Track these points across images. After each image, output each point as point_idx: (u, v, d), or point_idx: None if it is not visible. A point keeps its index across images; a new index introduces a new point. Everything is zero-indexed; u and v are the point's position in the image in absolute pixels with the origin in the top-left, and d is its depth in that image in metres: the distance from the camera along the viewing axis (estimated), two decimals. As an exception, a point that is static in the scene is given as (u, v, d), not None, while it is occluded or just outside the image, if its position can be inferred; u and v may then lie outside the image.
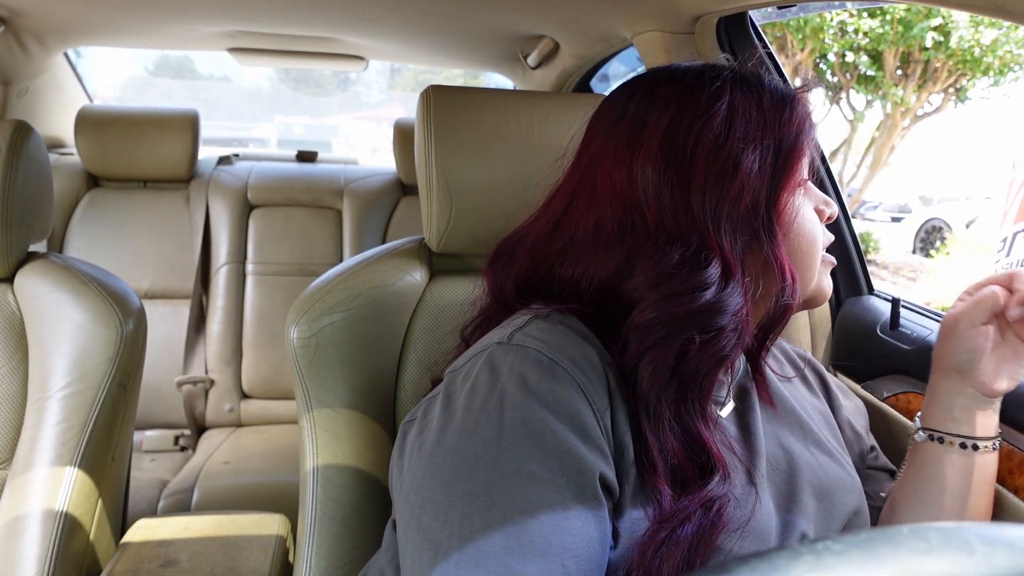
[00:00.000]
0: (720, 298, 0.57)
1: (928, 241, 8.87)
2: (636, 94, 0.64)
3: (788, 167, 0.61)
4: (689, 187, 0.59)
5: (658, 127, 0.60)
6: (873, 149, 8.00)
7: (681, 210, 0.59)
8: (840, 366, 1.16)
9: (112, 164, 2.00)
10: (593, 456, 0.52)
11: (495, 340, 0.58)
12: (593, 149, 0.65)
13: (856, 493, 0.71)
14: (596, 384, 0.55)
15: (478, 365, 0.57)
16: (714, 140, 0.59)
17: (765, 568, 0.26)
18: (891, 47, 6.76)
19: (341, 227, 2.12)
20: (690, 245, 0.58)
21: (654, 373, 0.56)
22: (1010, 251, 5.25)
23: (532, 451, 0.50)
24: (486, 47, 1.80)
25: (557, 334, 0.57)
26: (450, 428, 0.54)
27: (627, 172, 0.60)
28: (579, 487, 0.50)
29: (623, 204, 0.60)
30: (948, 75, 7.01)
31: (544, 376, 0.54)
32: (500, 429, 0.51)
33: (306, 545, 0.78)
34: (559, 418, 0.52)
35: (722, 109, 0.60)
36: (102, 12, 1.58)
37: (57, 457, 0.93)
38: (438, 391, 0.60)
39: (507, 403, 0.52)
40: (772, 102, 0.62)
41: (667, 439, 0.56)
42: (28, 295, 0.99)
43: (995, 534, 0.28)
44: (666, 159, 0.59)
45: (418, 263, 0.88)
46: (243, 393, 2.02)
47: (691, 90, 0.61)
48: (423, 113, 0.84)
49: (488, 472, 0.50)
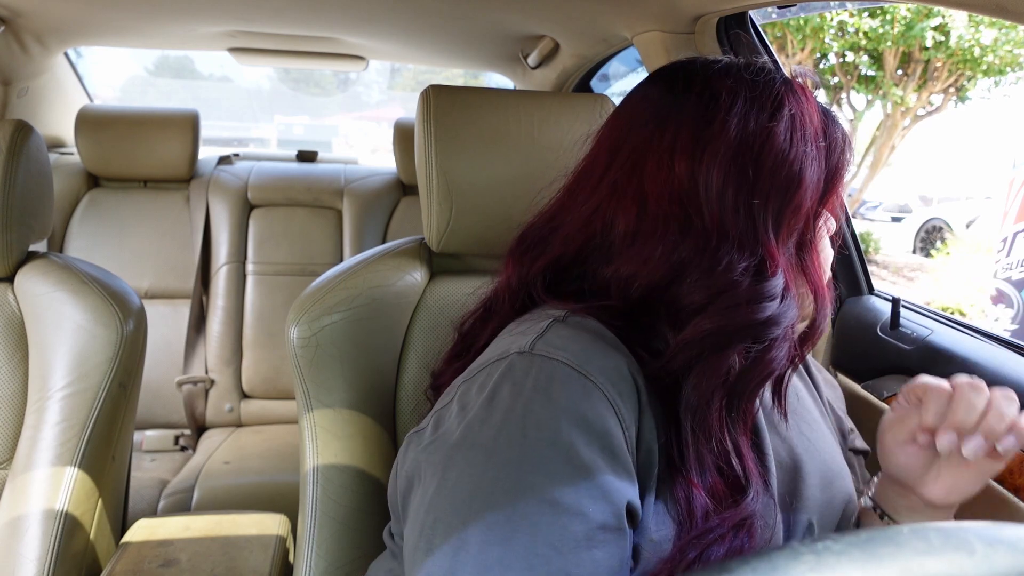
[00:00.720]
0: (781, 311, 0.55)
1: (928, 241, 8.86)
2: (692, 85, 0.60)
3: (834, 182, 0.60)
4: (753, 192, 0.56)
5: (727, 126, 0.57)
6: (873, 149, 8.00)
7: (744, 214, 0.56)
8: (840, 366, 1.16)
9: (112, 164, 2.00)
10: (622, 481, 0.49)
11: (515, 349, 0.54)
12: (638, 139, 0.60)
13: (848, 478, 0.70)
14: (626, 397, 0.52)
15: (496, 375, 0.53)
16: (780, 147, 0.56)
17: (765, 568, 0.26)
18: (891, 47, 6.75)
19: (341, 227, 2.12)
20: (754, 254, 0.55)
21: (704, 384, 0.53)
22: (1010, 251, 5.25)
23: (558, 476, 0.47)
24: (486, 47, 1.80)
25: (583, 342, 0.54)
26: (466, 445, 0.50)
27: (689, 169, 0.56)
28: (605, 516, 0.47)
29: (680, 202, 0.56)
30: (948, 75, 7.00)
31: (572, 391, 0.50)
32: (523, 450, 0.48)
33: (306, 545, 0.78)
34: (588, 439, 0.48)
35: (786, 116, 0.57)
36: (102, 12, 1.58)
37: (57, 457, 0.93)
38: (449, 401, 0.56)
39: (530, 421, 0.49)
40: (821, 116, 0.60)
41: (709, 453, 0.54)
42: (28, 295, 0.99)
43: (995, 534, 0.28)
44: (734, 160, 0.56)
45: (418, 263, 0.88)
46: (243, 393, 2.02)
47: (754, 90, 0.58)
48: (423, 113, 0.84)
49: (509, 497, 0.46)
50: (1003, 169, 5.58)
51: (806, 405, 0.73)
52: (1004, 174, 5.32)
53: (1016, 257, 4.94)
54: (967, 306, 6.20)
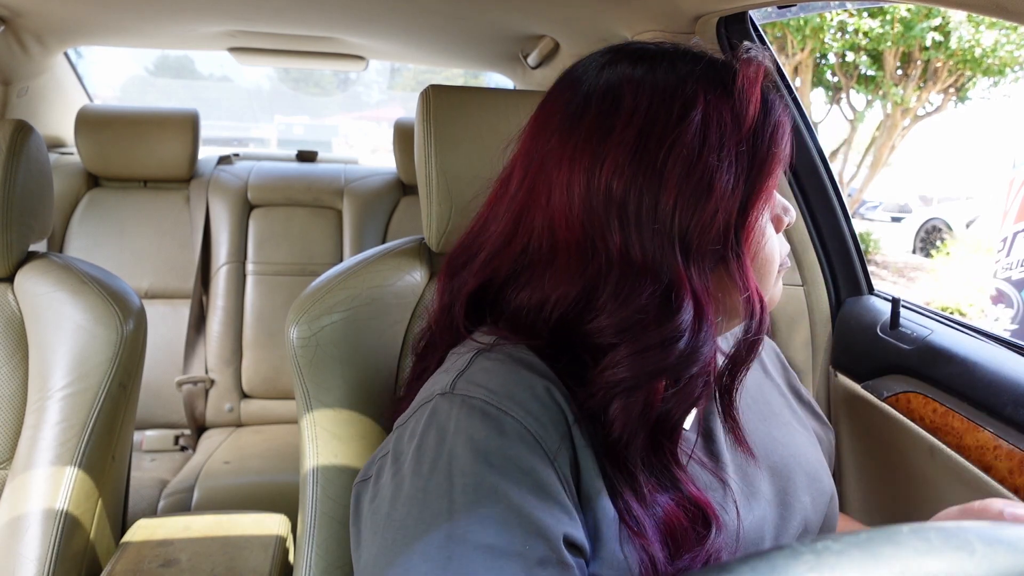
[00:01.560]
0: (694, 346, 0.52)
1: (928, 241, 8.86)
2: (598, 88, 0.55)
3: (762, 180, 0.54)
4: (656, 208, 0.52)
5: (625, 137, 0.52)
6: (873, 149, 8.00)
7: (647, 236, 0.52)
8: (840, 366, 1.16)
9: (112, 164, 2.00)
10: (554, 516, 0.48)
11: (437, 390, 0.54)
12: (545, 147, 0.56)
13: (827, 473, 0.70)
14: (551, 429, 0.51)
15: (423, 421, 0.52)
16: (687, 155, 0.51)
17: (765, 568, 0.26)
18: (891, 47, 6.75)
19: (341, 227, 2.12)
20: (660, 281, 0.52)
21: (623, 423, 0.52)
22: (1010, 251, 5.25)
23: (488, 520, 0.46)
24: (486, 47, 1.80)
25: (503, 375, 0.53)
26: (400, 499, 0.49)
27: (586, 186, 0.53)
28: (542, 552, 0.46)
29: (582, 224, 0.53)
30: (948, 75, 7.00)
31: (492, 432, 0.49)
32: (451, 499, 0.47)
33: (306, 545, 0.78)
34: (513, 479, 0.47)
35: (696, 119, 0.52)
36: (102, 12, 1.58)
37: (57, 457, 0.93)
38: (387, 450, 0.55)
39: (455, 468, 0.48)
40: (745, 106, 0.54)
41: (648, 491, 0.52)
42: (28, 295, 0.99)
43: (995, 534, 0.28)
44: (633, 177, 0.52)
45: (418, 263, 0.88)
46: (243, 393, 2.02)
47: (662, 93, 0.53)
48: (423, 113, 0.84)
49: (443, 550, 0.45)
50: (1003, 169, 5.58)
51: (774, 408, 0.73)
52: (1004, 174, 5.32)
53: (1016, 257, 4.94)
54: (967, 306, 6.21)
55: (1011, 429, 0.82)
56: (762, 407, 0.71)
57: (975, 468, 0.85)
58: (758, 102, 0.54)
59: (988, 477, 0.83)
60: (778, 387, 0.77)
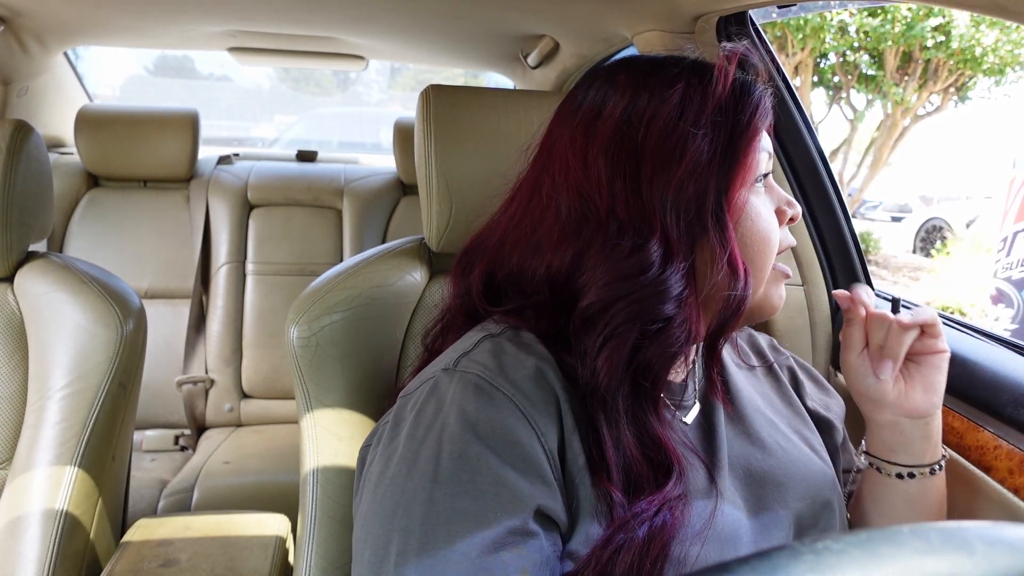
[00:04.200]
0: (662, 278, 0.56)
1: (928, 241, 8.86)
2: (596, 83, 0.63)
3: (740, 155, 0.59)
4: (638, 175, 0.58)
5: (612, 115, 0.59)
6: (873, 149, 8.00)
7: (632, 199, 0.58)
8: (840, 366, 1.16)
9: (112, 164, 2.00)
10: (533, 487, 0.51)
11: (442, 366, 0.58)
12: (554, 138, 0.64)
13: (829, 485, 0.70)
14: (540, 406, 0.54)
15: (425, 392, 0.57)
16: (663, 127, 0.58)
17: (765, 568, 0.26)
18: (892, 46, 6.76)
19: (341, 227, 2.12)
20: (640, 235, 0.57)
21: (609, 370, 0.55)
22: (1010, 251, 5.24)
23: (467, 486, 0.50)
24: (486, 47, 1.80)
25: (503, 355, 0.57)
26: (393, 460, 0.54)
27: (582, 161, 0.60)
28: (514, 522, 0.49)
29: (579, 193, 0.59)
30: (949, 75, 7.01)
31: (483, 404, 0.53)
32: (437, 464, 0.51)
33: (306, 545, 0.78)
34: (497, 449, 0.51)
35: (674, 96, 0.58)
36: (102, 12, 1.58)
37: (57, 457, 0.93)
38: (391, 414, 0.59)
39: (446, 436, 0.52)
40: (726, 89, 0.60)
41: (623, 437, 0.56)
42: (28, 295, 0.99)
43: (995, 534, 0.28)
44: (618, 147, 0.58)
45: (418, 263, 0.88)
46: (243, 393, 2.02)
47: (647, 77, 0.60)
48: (423, 113, 0.84)
49: (424, 508, 0.50)
50: (1003, 169, 5.58)
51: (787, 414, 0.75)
52: (1004, 174, 5.32)
53: (1016, 257, 4.94)
54: (967, 306, 6.20)
55: (1011, 429, 0.82)
56: (766, 413, 0.72)
57: (975, 468, 0.84)
58: (731, 76, 0.60)
59: (988, 477, 0.83)
60: (788, 398, 0.79)
